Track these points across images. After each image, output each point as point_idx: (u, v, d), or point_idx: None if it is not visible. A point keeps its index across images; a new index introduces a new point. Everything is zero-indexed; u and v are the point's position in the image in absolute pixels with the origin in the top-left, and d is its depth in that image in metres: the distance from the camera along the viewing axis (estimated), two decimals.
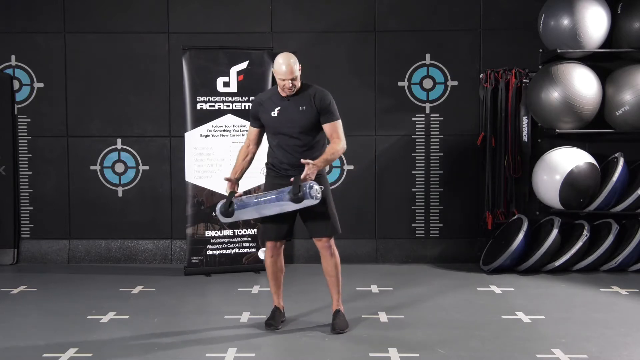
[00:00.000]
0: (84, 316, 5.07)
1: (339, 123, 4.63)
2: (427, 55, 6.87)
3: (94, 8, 6.88)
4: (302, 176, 4.40)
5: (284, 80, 4.53)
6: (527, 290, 5.79)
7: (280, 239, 4.74)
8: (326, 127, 4.61)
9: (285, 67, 4.50)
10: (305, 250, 6.82)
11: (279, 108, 4.62)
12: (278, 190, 4.53)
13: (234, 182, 4.72)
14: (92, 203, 6.95)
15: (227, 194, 4.66)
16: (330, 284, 4.79)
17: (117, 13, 6.88)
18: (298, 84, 4.59)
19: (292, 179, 4.45)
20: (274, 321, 4.77)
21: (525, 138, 6.63)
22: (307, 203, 4.41)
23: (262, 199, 4.55)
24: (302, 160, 4.45)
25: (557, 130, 6.39)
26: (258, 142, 4.82)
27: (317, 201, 4.40)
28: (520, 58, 6.70)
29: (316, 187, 4.38)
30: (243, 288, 5.93)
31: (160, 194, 6.94)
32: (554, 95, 6.25)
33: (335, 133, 4.60)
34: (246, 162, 4.80)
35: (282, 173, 4.66)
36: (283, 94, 4.63)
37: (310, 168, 4.42)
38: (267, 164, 4.79)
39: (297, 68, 4.54)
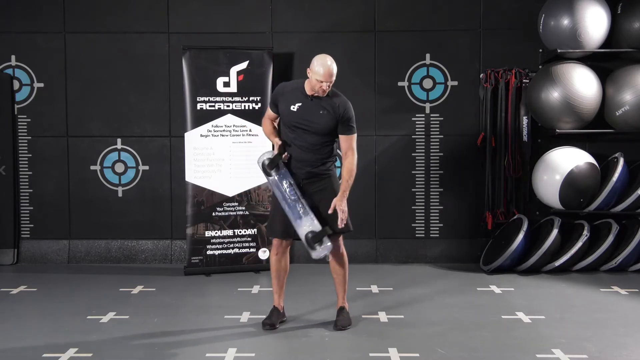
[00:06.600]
0: (84, 316, 5.06)
1: (355, 137, 4.63)
2: (427, 55, 6.87)
3: (94, 8, 6.88)
4: (340, 217, 4.53)
5: (322, 82, 4.51)
6: (527, 290, 5.79)
7: (287, 237, 4.75)
8: (342, 138, 4.61)
9: (324, 69, 4.49)
10: (305, 250, 6.74)
11: (300, 104, 4.59)
12: (306, 210, 4.58)
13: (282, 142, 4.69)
14: (92, 203, 6.94)
15: (274, 153, 4.63)
16: (337, 282, 4.82)
17: (117, 13, 6.88)
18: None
19: (326, 228, 4.58)
20: (271, 321, 4.76)
21: (525, 138, 6.63)
22: (312, 250, 4.62)
23: (289, 202, 4.59)
24: (331, 209, 4.53)
25: (557, 130, 6.38)
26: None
27: (318, 256, 4.61)
28: (520, 58, 6.70)
29: (328, 253, 4.57)
30: (243, 288, 5.93)
31: (160, 194, 6.94)
32: (554, 95, 6.25)
33: (351, 147, 4.61)
34: (275, 126, 4.81)
35: (291, 170, 4.64)
36: (310, 93, 4.59)
37: (339, 205, 4.51)
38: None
39: (335, 72, 4.53)
